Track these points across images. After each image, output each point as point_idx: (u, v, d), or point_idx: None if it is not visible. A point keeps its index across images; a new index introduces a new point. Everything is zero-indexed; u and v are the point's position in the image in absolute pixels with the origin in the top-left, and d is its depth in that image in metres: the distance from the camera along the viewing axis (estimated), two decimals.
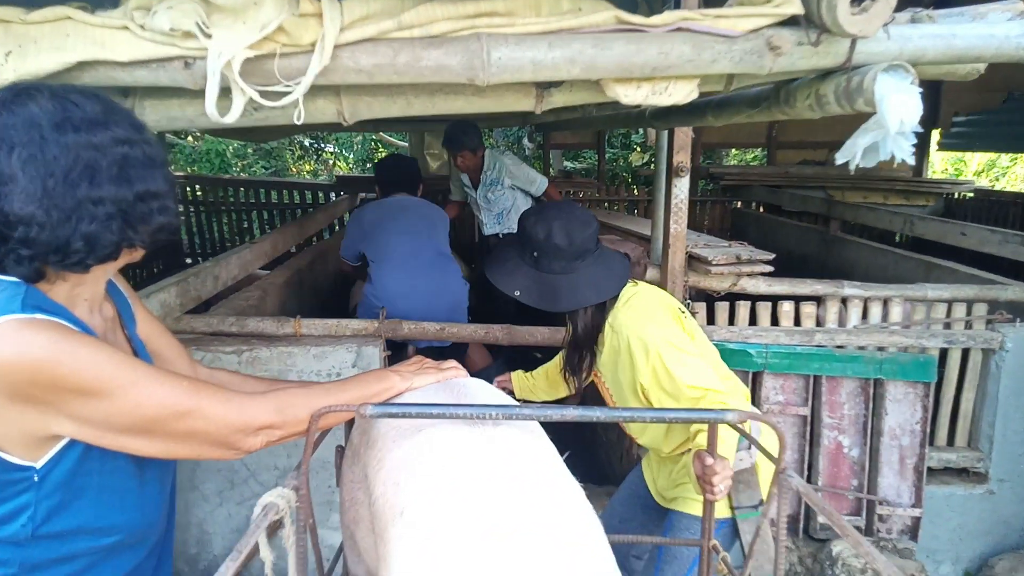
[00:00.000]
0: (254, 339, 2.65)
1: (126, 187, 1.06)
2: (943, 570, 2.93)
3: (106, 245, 1.06)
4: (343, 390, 1.31)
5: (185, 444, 1.14)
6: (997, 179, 10.66)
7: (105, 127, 1.05)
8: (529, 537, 0.99)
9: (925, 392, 2.75)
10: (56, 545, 1.14)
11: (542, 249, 1.84)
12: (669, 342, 1.79)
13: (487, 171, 4.65)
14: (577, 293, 1.85)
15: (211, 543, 2.70)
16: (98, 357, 1.04)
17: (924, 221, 4.31)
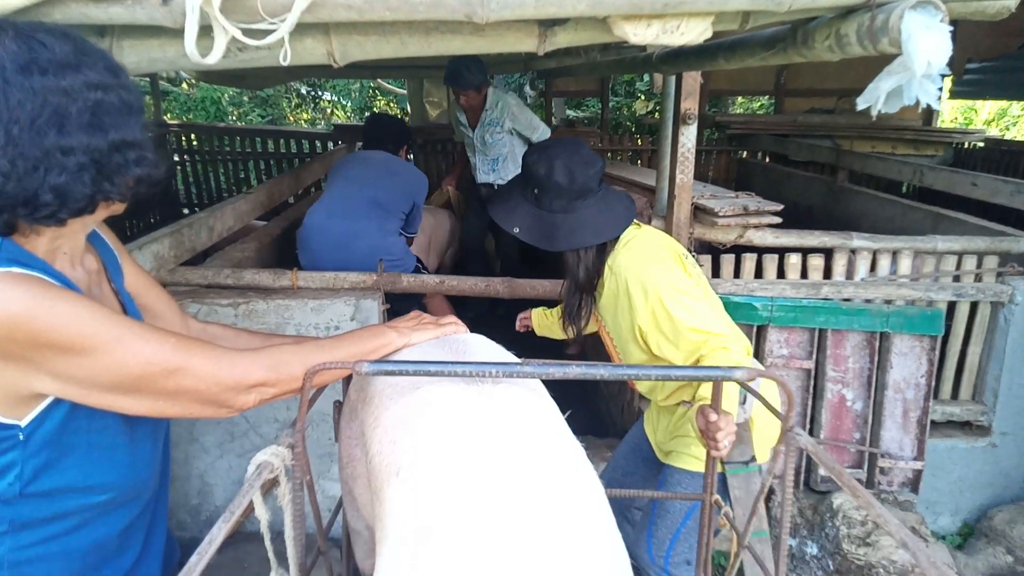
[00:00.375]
0: (250, 292, 2.61)
1: (99, 135, 0.99)
2: (942, 521, 2.94)
3: (78, 198, 0.99)
4: (338, 346, 1.26)
5: (175, 402, 1.10)
6: (1007, 128, 10.46)
7: (76, 70, 0.97)
8: (526, 500, 0.95)
9: (931, 345, 2.72)
10: (46, 503, 1.11)
11: (543, 186, 1.81)
12: (670, 283, 1.75)
13: (488, 110, 4.43)
14: (575, 233, 1.81)
15: (212, 494, 2.71)
16: (79, 312, 0.99)
17: (934, 171, 4.21)
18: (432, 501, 0.95)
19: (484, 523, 0.92)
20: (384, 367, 1.16)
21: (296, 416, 1.27)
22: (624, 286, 1.80)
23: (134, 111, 1.04)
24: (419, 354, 1.33)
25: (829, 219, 4.80)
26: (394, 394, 1.20)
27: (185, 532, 2.73)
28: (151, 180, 1.08)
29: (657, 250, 1.85)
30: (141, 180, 1.07)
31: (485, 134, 4.51)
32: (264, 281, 2.63)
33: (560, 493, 1.01)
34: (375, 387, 1.26)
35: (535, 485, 0.99)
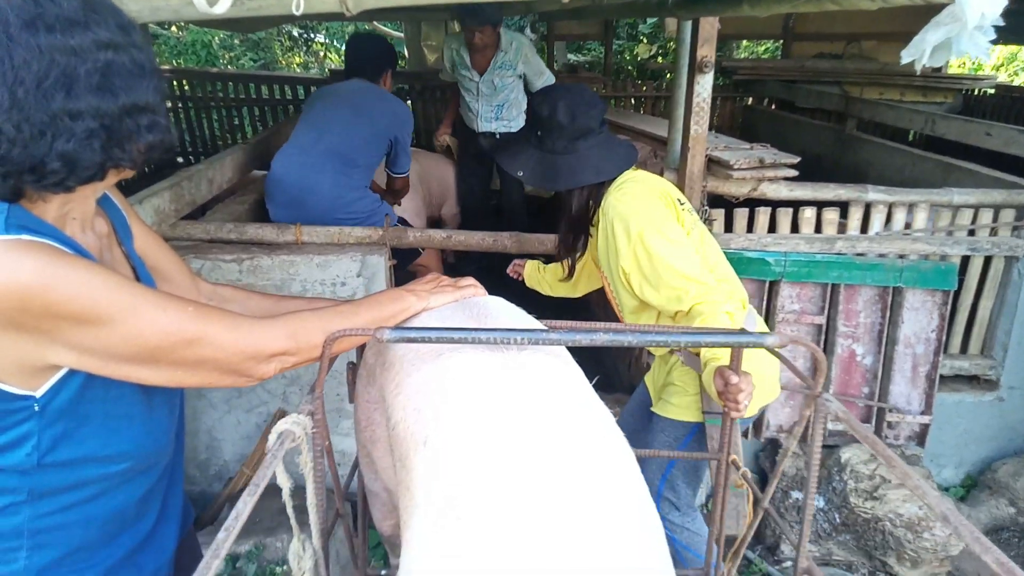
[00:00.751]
0: (254, 247, 2.56)
1: (110, 99, 0.92)
2: (945, 474, 2.97)
3: (88, 166, 0.93)
4: (356, 312, 1.22)
5: (194, 373, 1.06)
6: (1016, 74, 10.27)
7: (85, 27, 0.90)
8: (555, 470, 0.93)
9: (943, 300, 2.70)
10: (64, 473, 1.08)
11: (545, 127, 1.85)
12: (652, 223, 1.75)
13: (503, 52, 4.13)
14: (577, 173, 1.85)
15: (221, 449, 2.71)
16: (94, 281, 0.94)
17: (946, 120, 4.12)
18: (460, 473, 0.93)
19: (512, 494, 0.90)
20: (405, 334, 1.12)
21: (313, 383, 1.25)
22: (610, 226, 1.81)
23: (147, 73, 0.97)
24: (437, 318, 1.30)
25: (837, 168, 4.73)
26: (416, 360, 1.17)
27: (194, 486, 2.74)
28: (164, 146, 1.02)
29: (647, 192, 1.86)
30: (153, 146, 1.00)
31: (495, 78, 4.19)
32: (268, 236, 2.58)
33: (589, 462, 0.98)
34: (395, 352, 1.22)
35: (563, 455, 0.96)
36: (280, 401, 2.66)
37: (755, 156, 2.58)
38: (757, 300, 2.70)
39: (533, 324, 1.31)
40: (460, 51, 4.22)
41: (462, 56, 4.22)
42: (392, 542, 1.69)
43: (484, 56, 4.13)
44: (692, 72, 2.47)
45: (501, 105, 4.32)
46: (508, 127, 4.41)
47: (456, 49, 4.24)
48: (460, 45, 4.20)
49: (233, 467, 2.71)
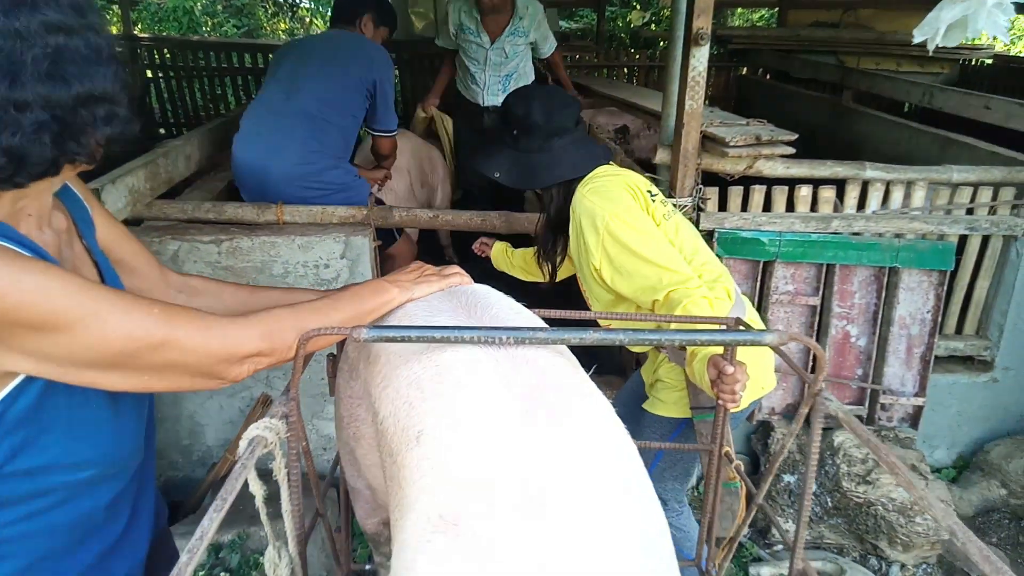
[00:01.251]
0: (233, 227, 2.47)
1: (61, 87, 0.84)
2: (937, 455, 2.95)
3: (38, 161, 0.85)
4: (335, 308, 1.16)
5: (163, 377, 1.00)
6: (1014, 42, 10.14)
7: (33, 8, 0.82)
8: (551, 466, 0.88)
9: (940, 280, 2.65)
10: (26, 482, 1.02)
11: (521, 126, 1.85)
12: (618, 216, 1.73)
13: (519, 17, 3.80)
14: (552, 170, 1.86)
15: (203, 434, 2.65)
16: (51, 285, 0.87)
17: (944, 92, 4.04)
18: (457, 479, 0.88)
19: (511, 507, 0.85)
20: (384, 333, 1.06)
21: (288, 383, 1.19)
22: (578, 222, 1.80)
23: (103, 58, 0.88)
24: (424, 308, 1.24)
25: (833, 141, 4.65)
26: (405, 352, 1.11)
27: (177, 472, 2.69)
28: (124, 138, 0.94)
29: (613, 186, 1.83)
30: (113, 139, 0.92)
31: (506, 45, 3.82)
32: (248, 216, 2.49)
33: (592, 467, 0.94)
34: (380, 346, 1.16)
35: (564, 459, 0.91)
36: (264, 386, 2.60)
37: (751, 133, 2.49)
38: (751, 281, 2.64)
39: (526, 314, 1.25)
40: (472, 12, 3.80)
41: (473, 17, 3.80)
42: (376, 540, 1.65)
43: (497, 21, 3.78)
44: (687, 44, 2.38)
45: (510, 75, 3.98)
46: None
47: (467, 11, 3.83)
48: (472, 6, 3.80)
49: (216, 452, 2.66)
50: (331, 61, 2.71)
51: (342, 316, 1.15)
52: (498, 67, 3.91)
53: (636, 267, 1.71)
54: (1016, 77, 5.36)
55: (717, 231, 2.56)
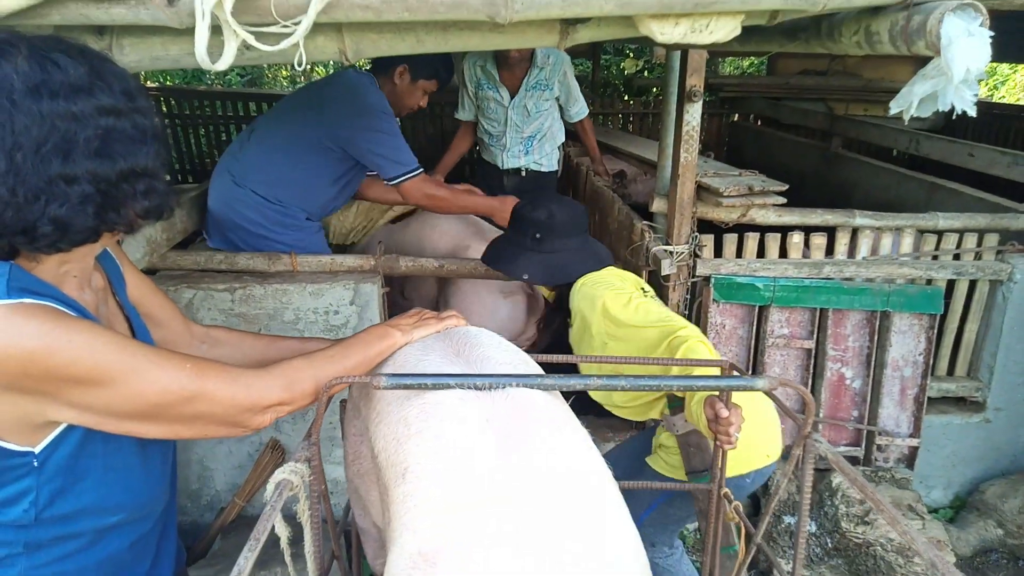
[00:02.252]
0: (246, 275, 2.55)
1: (107, 164, 0.93)
2: (934, 495, 3.00)
3: (80, 230, 0.94)
4: (347, 355, 1.25)
5: (192, 426, 1.08)
6: (996, 88, 10.43)
7: (89, 94, 0.91)
8: (537, 499, 0.95)
9: (930, 324, 2.73)
10: (61, 526, 1.09)
11: (546, 228, 2.02)
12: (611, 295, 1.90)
13: (537, 67, 3.45)
14: (586, 262, 2.04)
15: (212, 479, 2.69)
16: (95, 343, 0.95)
17: (930, 140, 4.18)
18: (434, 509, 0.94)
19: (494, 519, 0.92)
20: (401, 381, 1.13)
21: (311, 425, 1.26)
22: (578, 308, 1.96)
23: (148, 138, 0.98)
24: (420, 348, 1.31)
25: (822, 186, 4.78)
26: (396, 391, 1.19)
27: (186, 517, 2.72)
28: (160, 211, 1.03)
29: (605, 275, 2.02)
30: (150, 211, 1.02)
31: (527, 100, 3.51)
32: (259, 266, 2.57)
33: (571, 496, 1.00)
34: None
35: (545, 499, 0.97)
36: (273, 430, 2.65)
37: (744, 183, 2.61)
38: (747, 325, 2.72)
39: (512, 351, 1.32)
40: (487, 67, 3.52)
41: (489, 73, 3.52)
42: None
43: (515, 74, 3.48)
44: (681, 101, 2.50)
45: (533, 136, 3.67)
46: (539, 164, 3.76)
47: (481, 65, 3.55)
48: (487, 60, 3.53)
49: (225, 497, 2.70)
50: (310, 109, 2.60)
51: (353, 362, 1.24)
52: (519, 126, 3.62)
53: (633, 332, 1.84)
54: (999, 123, 5.53)
55: (713, 277, 2.65)
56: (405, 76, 2.69)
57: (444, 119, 6.01)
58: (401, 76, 2.68)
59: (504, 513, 0.92)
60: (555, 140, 3.77)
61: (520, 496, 0.95)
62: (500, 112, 3.58)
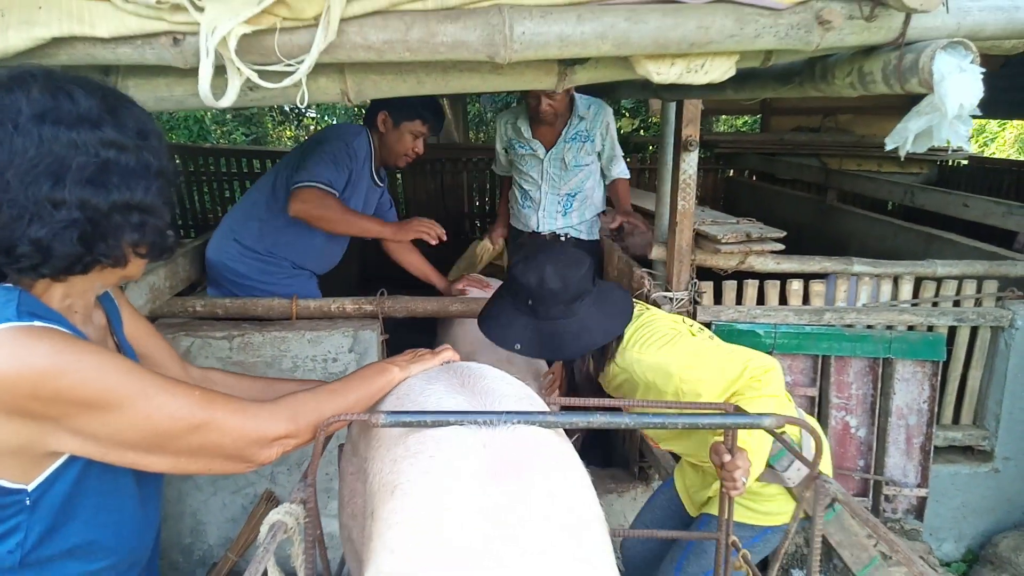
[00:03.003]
0: (245, 323, 2.54)
1: (100, 193, 0.93)
2: (946, 548, 2.92)
3: (62, 256, 0.93)
4: (348, 390, 1.24)
5: (198, 459, 1.06)
6: (986, 144, 10.63)
7: (95, 126, 0.92)
8: (532, 524, 0.93)
9: (933, 371, 2.71)
10: (44, 571, 1.05)
11: (537, 296, 1.73)
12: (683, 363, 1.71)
13: (578, 116, 3.19)
14: (582, 337, 1.75)
15: (205, 533, 2.62)
16: (104, 366, 0.95)
17: (925, 192, 4.23)
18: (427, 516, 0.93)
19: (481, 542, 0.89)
20: (400, 418, 1.12)
21: (306, 468, 1.23)
22: (646, 379, 1.76)
23: (151, 175, 0.98)
24: (424, 379, 1.30)
25: (819, 238, 4.82)
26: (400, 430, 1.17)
27: (178, 572, 2.63)
28: (157, 249, 1.03)
29: (660, 329, 1.82)
30: (142, 246, 1.01)
31: (566, 154, 3.23)
32: (258, 311, 2.56)
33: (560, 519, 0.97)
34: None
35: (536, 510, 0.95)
36: (268, 482, 2.59)
37: (742, 230, 2.62)
38: None
39: (517, 385, 1.31)
40: (518, 123, 3.30)
41: (519, 129, 3.29)
42: None
43: (554, 127, 3.23)
44: (677, 150, 2.53)
45: (572, 195, 3.34)
46: (579, 230, 3.40)
47: (512, 122, 3.34)
48: (519, 116, 3.31)
49: (217, 552, 2.62)
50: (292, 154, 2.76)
51: (355, 396, 1.23)
52: (557, 182, 3.31)
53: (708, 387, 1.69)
54: (991, 177, 5.61)
55: (714, 323, 2.64)
56: (388, 122, 2.73)
57: (444, 174, 6.09)
58: (384, 122, 2.73)
59: (498, 538, 0.89)
60: (596, 205, 3.47)
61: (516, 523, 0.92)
62: (535, 165, 3.32)
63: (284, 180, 2.65)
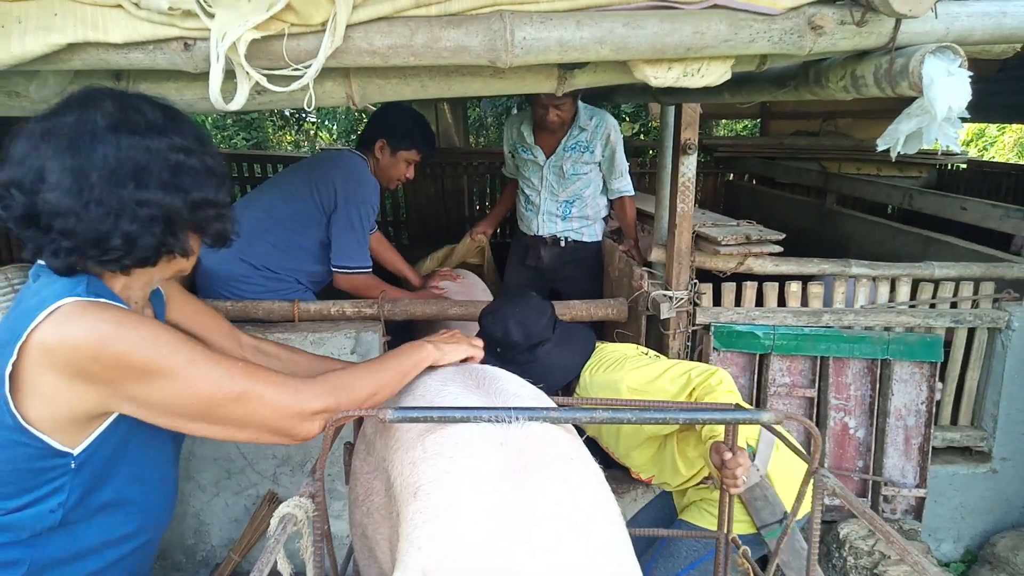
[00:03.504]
0: (249, 324, 2.57)
1: (178, 193, 1.06)
2: (944, 548, 2.94)
3: (145, 247, 1.06)
4: (385, 367, 1.30)
5: (244, 429, 1.14)
6: (986, 149, 10.67)
7: (163, 134, 1.04)
8: (544, 522, 0.96)
9: (931, 372, 2.73)
10: (73, 537, 1.14)
11: (503, 345, 1.97)
12: (632, 374, 1.88)
13: (579, 127, 3.22)
14: (546, 379, 1.89)
15: (208, 534, 2.64)
16: (160, 336, 1.05)
17: (923, 195, 4.26)
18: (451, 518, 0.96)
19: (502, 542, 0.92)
20: (407, 414, 1.14)
21: (314, 463, 1.26)
22: (598, 396, 1.91)
23: (215, 175, 1.11)
24: (440, 380, 1.33)
25: (818, 242, 4.84)
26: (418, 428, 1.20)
27: (181, 573, 2.66)
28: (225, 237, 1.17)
29: (616, 358, 1.99)
30: (215, 235, 1.15)
31: (565, 162, 3.26)
32: (259, 314, 2.59)
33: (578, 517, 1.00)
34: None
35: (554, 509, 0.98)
36: (271, 482, 2.62)
37: (741, 232, 2.65)
38: (748, 373, 2.72)
39: (530, 388, 1.34)
40: (522, 128, 3.35)
41: (523, 134, 3.35)
42: None
43: (556, 134, 3.28)
44: (676, 153, 2.57)
45: (571, 201, 3.36)
46: (579, 233, 3.42)
47: (518, 127, 3.41)
48: (523, 122, 3.37)
49: (220, 552, 2.65)
50: (292, 185, 2.78)
51: (391, 373, 1.29)
52: (555, 188, 3.34)
53: (659, 386, 1.83)
54: (989, 181, 5.65)
55: (713, 325, 2.66)
56: (385, 150, 2.85)
57: (444, 179, 6.12)
58: (382, 150, 2.85)
59: (512, 536, 0.92)
60: (598, 210, 3.45)
61: (529, 521, 0.95)
62: (536, 171, 3.38)
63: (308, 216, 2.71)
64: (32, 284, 1.09)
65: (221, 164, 1.13)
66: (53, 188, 0.99)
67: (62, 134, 1.00)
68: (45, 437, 1.05)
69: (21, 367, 1.00)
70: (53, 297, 1.01)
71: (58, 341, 0.99)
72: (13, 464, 1.06)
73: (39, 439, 1.04)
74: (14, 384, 1.01)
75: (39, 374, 1.00)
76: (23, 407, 1.02)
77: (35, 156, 1.00)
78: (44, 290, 1.04)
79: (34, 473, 1.07)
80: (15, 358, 0.99)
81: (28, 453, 1.05)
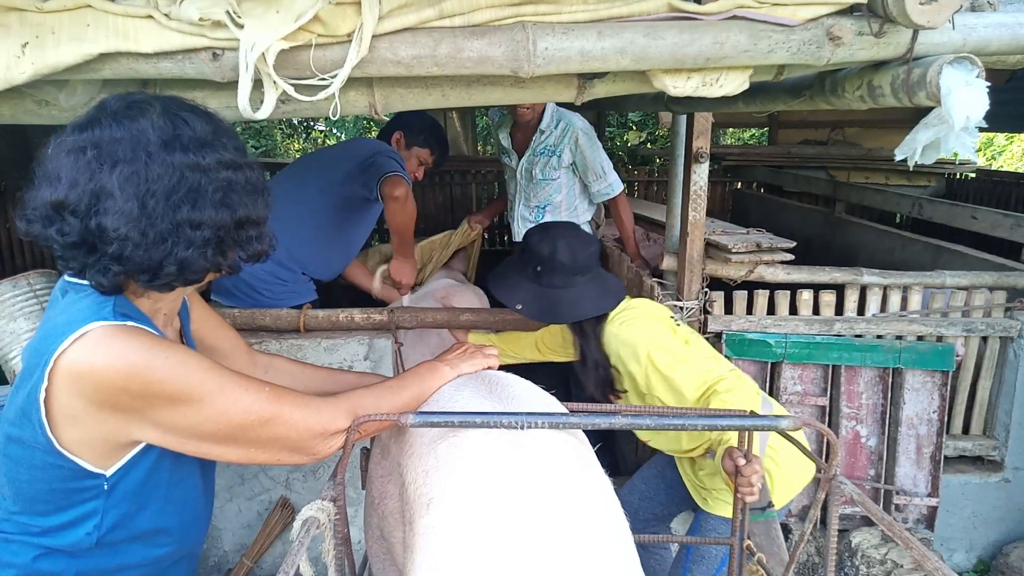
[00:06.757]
0: (262, 331, 2.58)
1: (227, 212, 1.04)
2: (956, 558, 2.92)
3: (196, 270, 1.04)
4: (404, 387, 1.31)
5: (267, 450, 1.14)
6: (994, 158, 10.65)
7: (212, 148, 1.02)
8: (553, 537, 0.97)
9: (943, 381, 2.73)
10: (112, 555, 1.13)
11: (546, 264, 1.94)
12: (657, 344, 1.87)
13: (545, 131, 3.17)
14: (577, 306, 1.94)
15: (221, 539, 2.65)
16: (189, 363, 1.04)
17: (933, 204, 4.26)
18: (461, 533, 0.97)
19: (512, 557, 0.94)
20: (429, 419, 1.16)
21: (334, 470, 1.27)
22: (617, 354, 1.92)
23: (258, 191, 1.09)
24: (453, 386, 1.34)
25: (827, 250, 4.84)
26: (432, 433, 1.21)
27: None
28: (265, 254, 1.15)
29: (643, 318, 1.97)
30: (257, 254, 1.13)
31: (533, 165, 3.23)
32: (267, 322, 2.60)
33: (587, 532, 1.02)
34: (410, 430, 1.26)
35: (563, 524, 1.00)
36: (283, 488, 2.63)
37: (752, 240, 2.66)
38: (760, 381, 2.72)
39: (541, 394, 1.35)
40: (500, 132, 3.41)
41: (500, 138, 3.40)
42: None
43: (526, 136, 3.23)
44: (688, 162, 2.58)
45: (542, 207, 3.32)
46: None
47: (504, 128, 3.42)
48: (502, 127, 3.42)
49: (232, 558, 2.65)
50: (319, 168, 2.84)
51: (409, 394, 1.29)
52: (527, 193, 3.33)
53: (679, 388, 1.82)
54: (999, 190, 5.63)
55: (725, 333, 2.67)
56: (402, 141, 2.96)
57: (452, 187, 6.15)
58: (398, 142, 2.95)
59: (523, 548, 0.94)
60: (573, 211, 3.38)
61: (539, 534, 0.97)
62: (512, 176, 3.42)
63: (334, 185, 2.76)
64: (61, 299, 1.07)
65: (261, 177, 1.12)
66: (110, 213, 0.96)
67: (117, 154, 0.97)
68: (77, 459, 1.04)
69: (51, 391, 0.99)
70: (81, 319, 0.99)
71: (86, 369, 0.97)
72: (48, 484, 1.05)
73: (71, 460, 1.04)
74: (48, 408, 1.00)
75: (68, 398, 0.99)
76: (56, 428, 1.01)
77: (88, 178, 0.96)
78: (71, 308, 1.02)
79: (67, 493, 1.06)
80: (47, 383, 0.98)
81: (62, 474, 1.04)
